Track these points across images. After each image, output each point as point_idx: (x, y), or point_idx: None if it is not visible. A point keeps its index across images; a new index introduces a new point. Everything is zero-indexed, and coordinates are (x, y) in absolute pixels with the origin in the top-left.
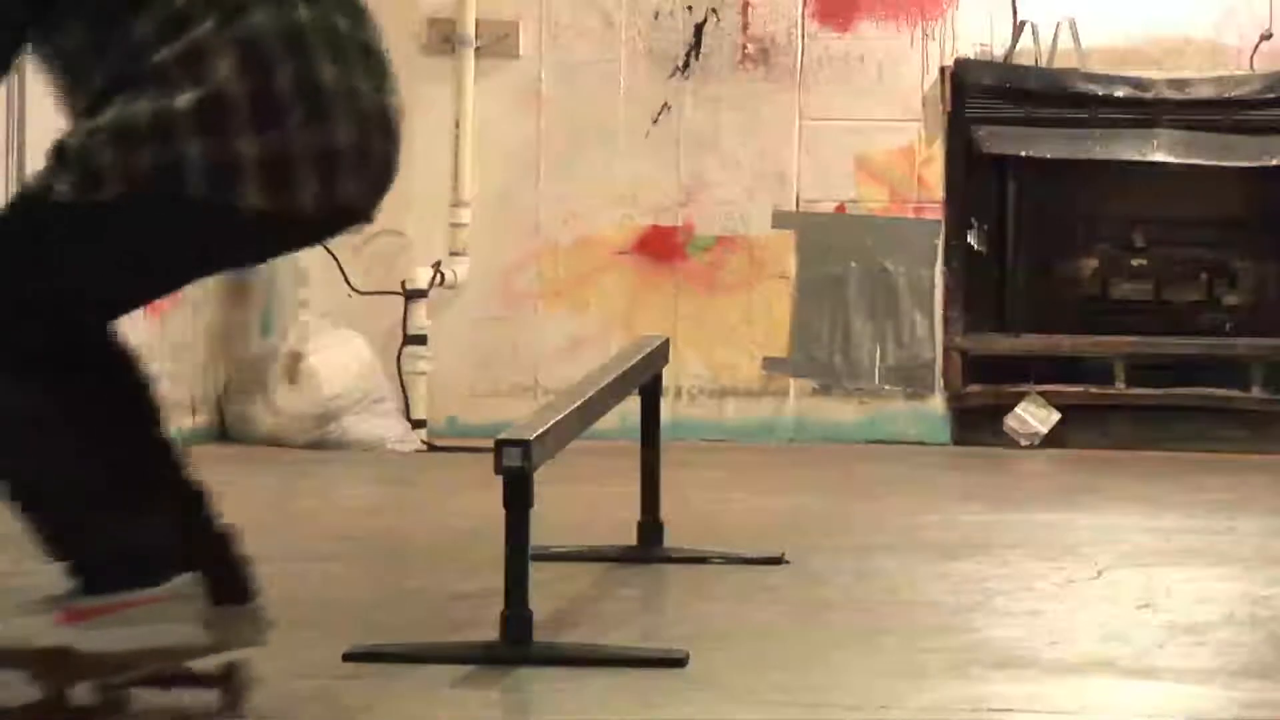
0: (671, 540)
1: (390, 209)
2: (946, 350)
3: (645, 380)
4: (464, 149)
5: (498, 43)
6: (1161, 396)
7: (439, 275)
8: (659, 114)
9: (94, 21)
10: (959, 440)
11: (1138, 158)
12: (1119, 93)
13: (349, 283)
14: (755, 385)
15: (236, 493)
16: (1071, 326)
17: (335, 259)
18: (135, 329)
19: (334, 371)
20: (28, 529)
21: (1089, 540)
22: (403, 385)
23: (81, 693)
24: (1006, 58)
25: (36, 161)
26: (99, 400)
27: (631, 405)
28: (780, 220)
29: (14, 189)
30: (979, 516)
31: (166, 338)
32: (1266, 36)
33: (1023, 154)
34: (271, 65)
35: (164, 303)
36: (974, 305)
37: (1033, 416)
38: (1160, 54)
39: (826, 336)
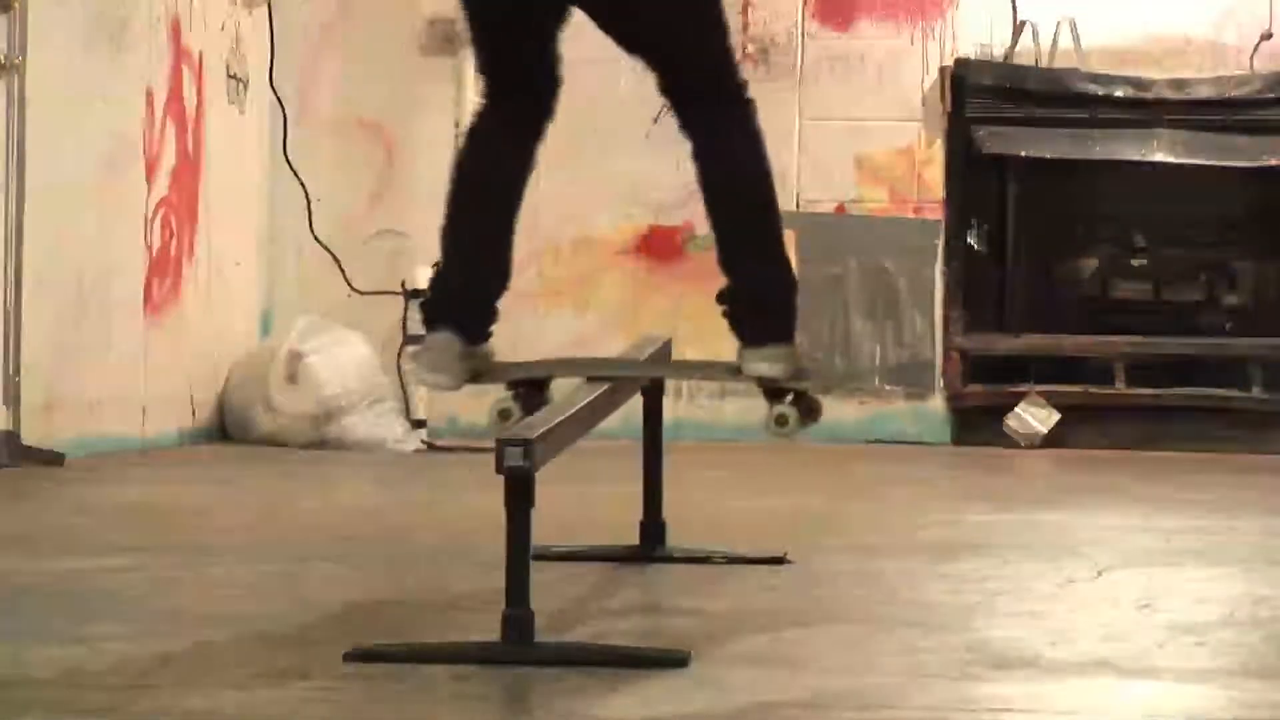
0: (673, 540)
1: (390, 209)
2: (946, 350)
3: (647, 380)
4: None
5: None
6: (1161, 396)
7: None
8: (659, 114)
9: None
10: (959, 440)
11: (1138, 158)
12: (1119, 93)
13: (349, 283)
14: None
15: (236, 493)
16: (1071, 326)
17: (335, 259)
18: (134, 328)
19: (334, 372)
20: None
21: (1089, 540)
22: (403, 385)
23: None
24: (1006, 58)
25: (37, 166)
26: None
27: (633, 405)
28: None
29: (15, 197)
30: (979, 516)
31: (166, 337)
32: (1266, 36)
33: (1023, 154)
34: None
35: (162, 302)
36: (974, 305)
37: (1033, 416)
38: (1160, 54)
39: (826, 336)
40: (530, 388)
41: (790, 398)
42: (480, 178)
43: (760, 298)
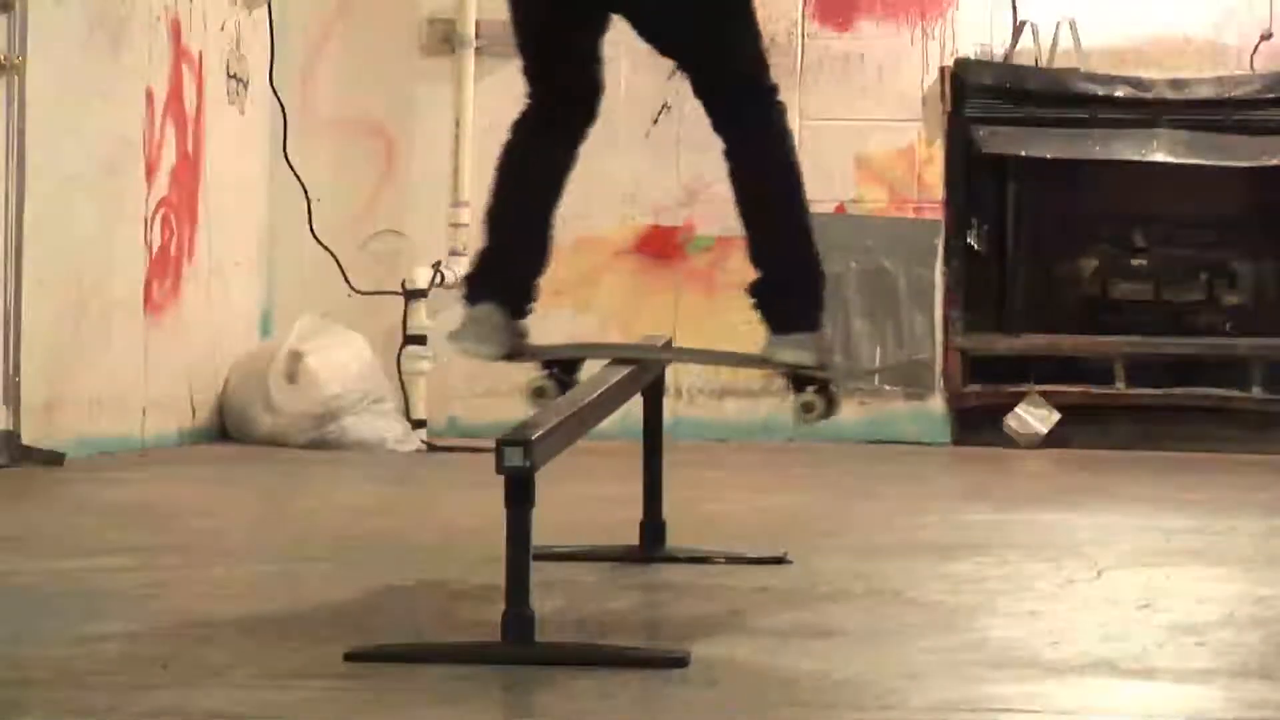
0: (672, 540)
1: (390, 209)
2: (946, 350)
3: (648, 380)
4: (464, 149)
5: (498, 43)
6: (1161, 396)
7: (439, 275)
8: (659, 114)
9: None
10: (959, 440)
11: (1138, 158)
12: (1119, 93)
13: (349, 283)
14: (755, 385)
15: (236, 493)
16: (1071, 326)
17: (335, 259)
18: (134, 328)
19: (334, 371)
20: None
21: (1089, 540)
22: (403, 385)
23: None
24: (1006, 58)
25: (37, 167)
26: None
27: (633, 405)
28: None
29: (15, 198)
30: (979, 516)
31: (166, 337)
32: (1266, 36)
33: (1023, 154)
34: None
35: (162, 302)
36: (974, 305)
37: (1033, 416)
38: (1160, 54)
39: (827, 336)
40: (563, 368)
41: (814, 387)
42: (524, 177)
43: (789, 288)
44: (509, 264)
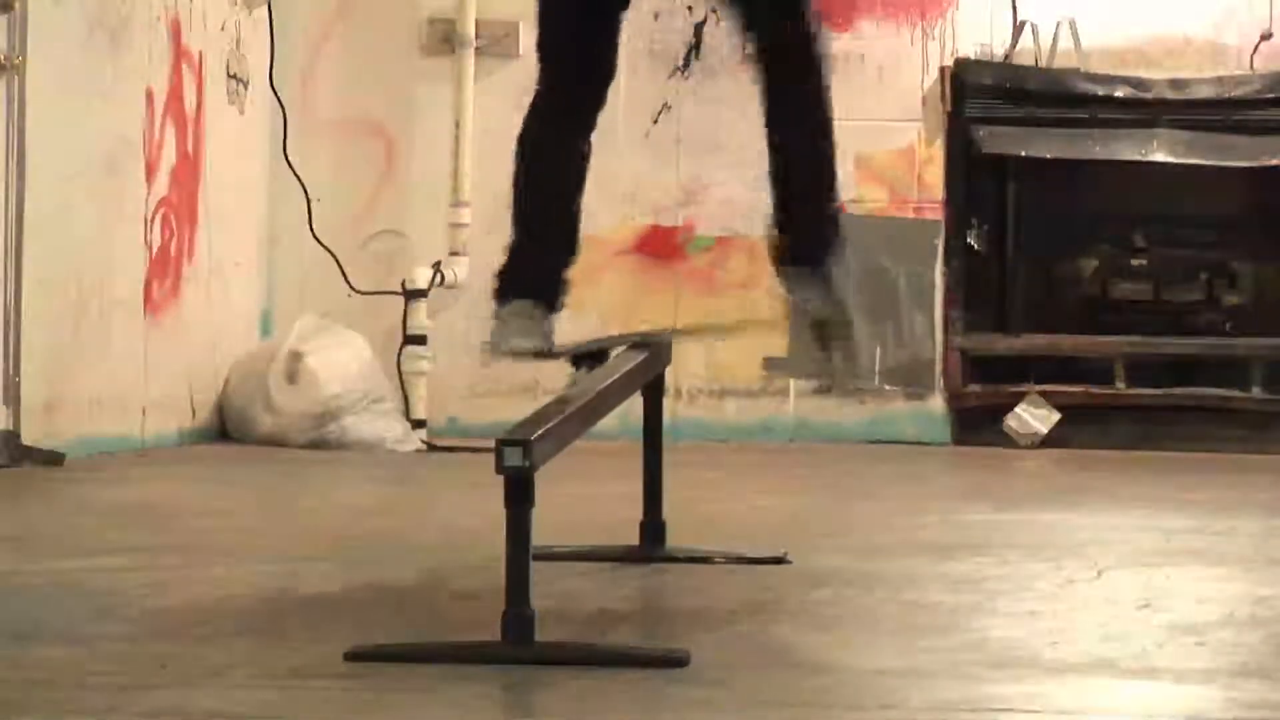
0: (672, 540)
1: (390, 209)
2: (946, 350)
3: (648, 380)
4: (464, 149)
5: (498, 43)
6: (1161, 396)
7: (439, 275)
8: (659, 114)
9: None
10: (959, 440)
11: (1138, 158)
12: (1119, 93)
13: (349, 283)
14: (755, 385)
15: (236, 493)
16: (1071, 326)
17: (335, 259)
18: (134, 328)
19: (334, 371)
20: None
21: (1089, 540)
22: (403, 385)
23: None
24: (1006, 58)
25: (37, 166)
26: None
27: (632, 404)
28: None
29: (15, 197)
30: (979, 516)
31: (166, 337)
32: (1266, 36)
33: (1023, 154)
34: None
35: (162, 302)
36: (974, 305)
37: (1033, 416)
38: (1160, 54)
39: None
40: (592, 360)
41: (836, 343)
42: (543, 168)
43: (800, 224)
44: (541, 260)
